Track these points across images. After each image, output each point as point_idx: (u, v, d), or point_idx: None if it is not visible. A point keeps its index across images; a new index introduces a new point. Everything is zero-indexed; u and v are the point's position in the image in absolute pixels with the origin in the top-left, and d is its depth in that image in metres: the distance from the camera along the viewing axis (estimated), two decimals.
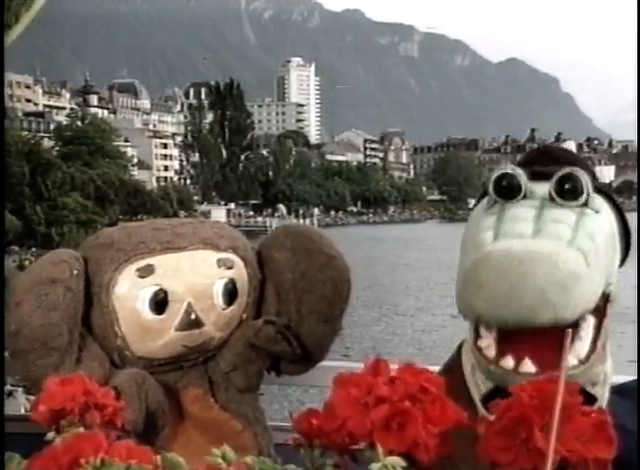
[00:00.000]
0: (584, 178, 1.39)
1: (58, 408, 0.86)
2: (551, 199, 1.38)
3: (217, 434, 1.63)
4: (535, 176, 1.41)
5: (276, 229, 1.87)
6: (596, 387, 1.36)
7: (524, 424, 0.70)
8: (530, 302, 1.22)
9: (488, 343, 1.31)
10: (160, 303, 1.63)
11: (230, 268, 1.70)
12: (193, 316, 1.64)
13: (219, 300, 1.67)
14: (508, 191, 1.39)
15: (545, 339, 1.26)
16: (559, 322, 1.23)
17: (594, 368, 1.33)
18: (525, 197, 1.39)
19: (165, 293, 1.63)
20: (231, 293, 1.69)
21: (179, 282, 1.64)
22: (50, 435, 0.84)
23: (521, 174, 1.40)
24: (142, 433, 1.49)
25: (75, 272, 1.62)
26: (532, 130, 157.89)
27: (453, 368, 1.46)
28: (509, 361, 1.29)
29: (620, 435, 0.71)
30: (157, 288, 1.63)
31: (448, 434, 0.75)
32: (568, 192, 1.37)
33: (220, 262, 1.69)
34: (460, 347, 1.48)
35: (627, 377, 1.50)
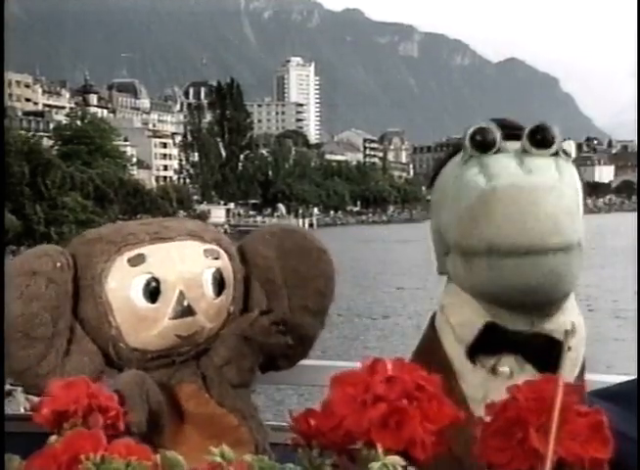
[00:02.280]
0: (554, 129, 1.43)
1: (61, 411, 0.86)
2: (524, 152, 1.41)
3: (214, 429, 1.64)
4: (505, 137, 1.45)
5: (260, 228, 1.92)
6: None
7: (520, 425, 0.70)
8: (542, 226, 1.30)
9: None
10: (152, 291, 1.64)
11: (216, 259, 1.73)
12: (185, 303, 1.66)
13: (209, 289, 1.69)
14: (483, 144, 1.43)
15: None
16: (567, 246, 1.33)
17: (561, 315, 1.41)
18: (498, 151, 1.43)
19: (157, 281, 1.65)
20: (219, 283, 1.71)
21: (170, 270, 1.67)
22: (52, 438, 0.84)
23: (495, 129, 1.44)
24: (145, 433, 1.48)
25: (59, 265, 1.63)
26: None
27: (431, 336, 1.50)
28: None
29: (617, 440, 0.71)
30: (149, 276, 1.65)
31: (445, 431, 0.74)
32: (540, 142, 1.41)
33: (207, 253, 1.72)
34: (433, 317, 1.53)
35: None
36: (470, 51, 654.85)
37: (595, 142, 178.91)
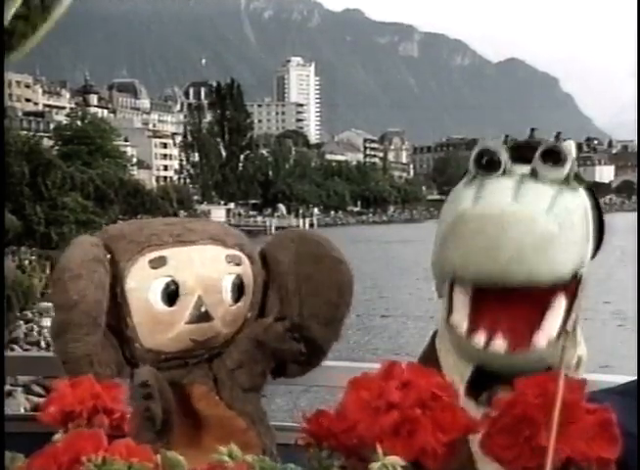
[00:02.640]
0: (568, 151, 1.40)
1: (67, 411, 0.86)
2: (532, 174, 1.38)
3: (223, 431, 1.64)
4: (515, 159, 1.41)
5: (282, 232, 1.89)
6: (569, 372, 1.35)
7: (527, 422, 0.69)
8: (506, 258, 1.23)
9: (460, 318, 1.33)
10: (171, 294, 1.64)
11: (238, 265, 1.72)
12: (203, 309, 1.65)
13: (228, 295, 1.69)
14: (488, 165, 1.40)
15: (518, 315, 1.30)
16: (533, 282, 1.26)
17: (566, 351, 1.31)
18: (504, 173, 1.39)
19: (177, 285, 1.64)
20: (239, 289, 1.70)
21: (190, 275, 1.66)
22: (57, 436, 0.84)
23: (501, 151, 1.41)
24: (155, 431, 1.50)
25: (109, 256, 1.64)
26: (532, 130, 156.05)
27: (428, 356, 1.48)
28: (480, 339, 1.30)
29: (620, 436, 0.71)
30: (168, 279, 1.64)
31: (458, 441, 0.73)
32: (552, 161, 1.38)
33: (228, 258, 1.71)
34: (434, 335, 1.51)
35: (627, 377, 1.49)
36: (470, 51, 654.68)
37: (595, 142, 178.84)
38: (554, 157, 1.39)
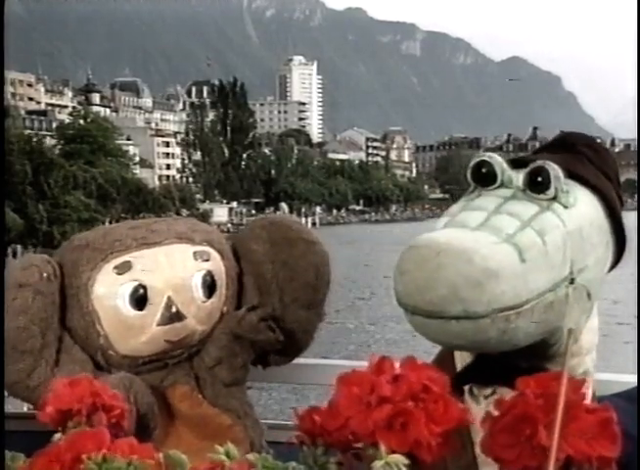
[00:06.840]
0: (554, 172, 1.37)
1: (65, 409, 0.86)
2: (524, 190, 1.39)
3: (208, 430, 1.64)
4: (521, 164, 1.41)
5: (252, 221, 1.89)
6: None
7: (528, 421, 0.70)
8: (442, 294, 1.24)
9: None
10: (139, 298, 1.63)
11: (207, 261, 1.71)
12: (174, 309, 1.64)
13: (199, 292, 1.68)
14: (484, 178, 1.41)
15: None
16: (470, 316, 1.25)
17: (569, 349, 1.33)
18: (502, 185, 1.40)
19: (145, 288, 1.63)
20: (210, 285, 1.69)
21: (158, 276, 1.65)
22: (57, 436, 0.84)
23: (498, 163, 1.40)
24: (135, 436, 1.49)
25: (45, 275, 1.62)
26: (535, 129, 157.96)
27: (444, 356, 1.48)
28: None
29: (622, 440, 0.71)
30: (136, 283, 1.63)
31: (451, 433, 0.74)
32: (536, 185, 1.38)
33: (197, 255, 1.70)
34: None
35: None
36: (472, 50, 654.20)
37: (598, 141, 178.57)
38: (543, 175, 1.38)
